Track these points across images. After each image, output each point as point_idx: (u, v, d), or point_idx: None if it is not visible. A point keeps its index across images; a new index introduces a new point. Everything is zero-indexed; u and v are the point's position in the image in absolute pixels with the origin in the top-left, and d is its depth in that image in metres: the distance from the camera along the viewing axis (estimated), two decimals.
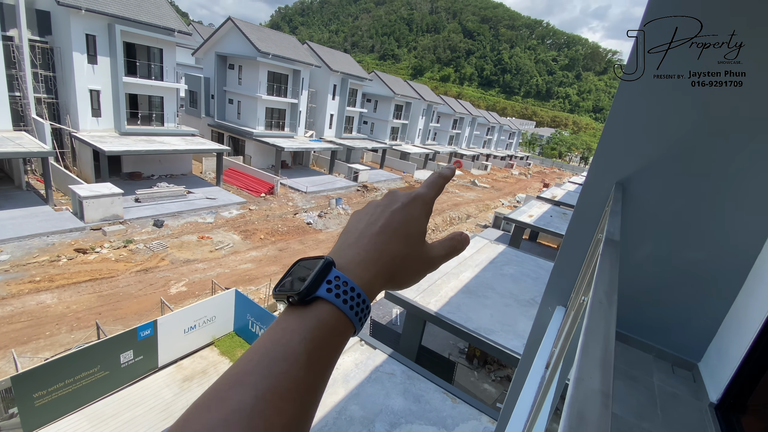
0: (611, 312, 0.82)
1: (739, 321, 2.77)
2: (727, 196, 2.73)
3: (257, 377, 0.34)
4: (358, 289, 0.43)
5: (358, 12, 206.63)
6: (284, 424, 0.32)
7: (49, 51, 20.12)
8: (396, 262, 0.48)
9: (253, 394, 0.32)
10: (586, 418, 0.51)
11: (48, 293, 12.52)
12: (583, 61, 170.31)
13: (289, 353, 0.36)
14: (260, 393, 0.33)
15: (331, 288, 0.41)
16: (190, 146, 22.96)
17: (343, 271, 0.44)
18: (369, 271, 0.45)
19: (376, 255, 0.47)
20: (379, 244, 0.48)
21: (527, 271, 10.90)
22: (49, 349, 10.38)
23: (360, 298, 0.42)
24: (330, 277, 0.42)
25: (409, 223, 0.50)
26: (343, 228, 0.53)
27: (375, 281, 0.45)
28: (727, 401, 2.61)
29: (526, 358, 3.84)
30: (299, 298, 0.40)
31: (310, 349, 0.37)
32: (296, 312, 0.40)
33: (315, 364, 0.37)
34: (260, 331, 11.53)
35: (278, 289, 0.43)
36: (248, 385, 0.33)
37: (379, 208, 0.53)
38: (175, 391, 9.88)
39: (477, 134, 64.75)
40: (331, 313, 0.40)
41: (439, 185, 0.57)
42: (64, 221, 16.41)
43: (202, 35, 37.62)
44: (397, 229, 0.49)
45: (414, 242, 0.50)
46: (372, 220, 0.51)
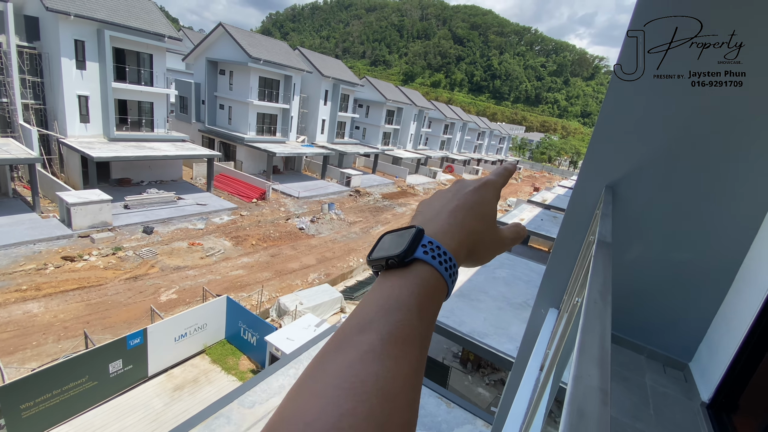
0: (606, 311, 0.84)
1: (729, 321, 2.82)
2: (714, 198, 2.78)
3: (379, 324, 0.36)
4: (449, 253, 0.45)
5: (349, 18, 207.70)
6: (410, 364, 0.34)
7: (37, 57, 19.87)
8: (474, 238, 0.50)
9: (380, 338, 0.35)
10: (586, 414, 0.52)
11: (34, 302, 12.26)
12: (570, 67, 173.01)
13: (402, 304, 0.38)
14: (385, 337, 0.35)
15: (427, 251, 0.43)
16: (181, 152, 22.78)
17: (432, 238, 0.47)
18: (453, 240, 0.47)
19: (457, 228, 0.49)
20: (458, 219, 0.49)
21: (519, 275, 10.96)
22: (36, 359, 10.15)
23: (451, 262, 0.44)
24: (424, 242, 0.44)
25: (483, 204, 0.53)
26: (415, 212, 0.55)
27: (459, 251, 0.47)
28: (719, 400, 2.64)
29: (520, 360, 3.85)
30: (399, 260, 0.42)
31: (420, 301, 0.39)
32: (397, 273, 0.42)
33: (425, 315, 0.39)
34: (252, 338, 11.41)
35: (374, 256, 0.45)
36: (373, 331, 0.35)
37: (450, 192, 0.55)
38: (166, 400, 9.71)
39: (468, 139, 65.28)
40: (430, 272, 0.42)
41: (506, 176, 0.59)
42: (52, 228, 16.13)
43: (193, 41, 37.53)
44: (473, 208, 0.51)
45: (488, 221, 0.53)
46: (446, 201, 0.53)
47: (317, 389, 0.31)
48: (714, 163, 2.72)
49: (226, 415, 5.74)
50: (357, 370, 0.32)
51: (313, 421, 0.27)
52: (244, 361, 11.57)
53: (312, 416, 0.28)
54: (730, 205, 2.76)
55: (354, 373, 0.31)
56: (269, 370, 6.87)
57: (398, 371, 0.33)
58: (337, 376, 0.31)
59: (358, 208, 28.61)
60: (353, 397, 0.29)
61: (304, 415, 0.28)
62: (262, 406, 6.09)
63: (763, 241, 2.66)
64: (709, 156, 2.72)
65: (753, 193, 2.68)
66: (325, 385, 0.31)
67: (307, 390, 0.31)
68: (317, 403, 0.29)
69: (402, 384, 0.32)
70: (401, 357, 0.34)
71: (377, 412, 0.29)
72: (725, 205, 2.77)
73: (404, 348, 0.35)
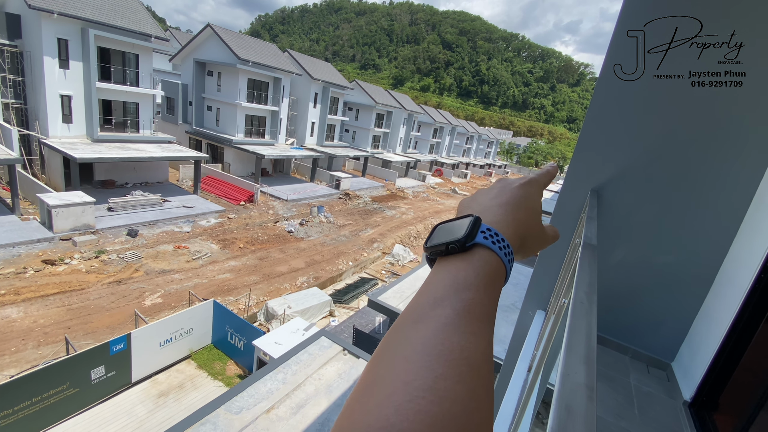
0: (592, 311, 0.86)
1: (709, 321, 2.90)
2: (695, 201, 2.86)
3: (452, 300, 0.37)
4: (506, 240, 0.46)
5: (338, 22, 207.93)
6: (487, 340, 0.36)
7: (18, 55, 19.40)
8: (524, 230, 0.51)
9: (455, 313, 0.36)
10: (574, 410, 0.54)
11: (13, 307, 11.90)
12: (557, 74, 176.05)
13: (470, 283, 0.40)
14: (458, 311, 0.36)
15: (487, 236, 0.45)
16: (167, 153, 22.44)
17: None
18: (508, 229, 0.48)
19: (509, 217, 0.50)
20: (509, 212, 0.51)
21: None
22: (15, 365, 9.84)
23: (509, 248, 0.46)
24: (482, 228, 0.46)
25: (529, 198, 0.54)
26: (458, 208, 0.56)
27: (514, 239, 0.48)
28: (700, 399, 2.71)
29: (508, 362, 3.89)
30: (461, 245, 0.43)
31: (486, 282, 0.41)
32: (458, 257, 0.44)
33: (491, 293, 0.40)
34: (240, 343, 11.27)
35: (433, 242, 0.46)
36: (447, 307, 0.36)
37: (496, 188, 0.56)
38: (150, 407, 9.52)
39: (457, 143, 65.81)
40: (491, 255, 0.44)
41: (548, 177, 0.61)
42: (32, 231, 15.70)
43: (180, 41, 37.12)
44: (521, 201, 0.53)
45: (536, 215, 0.54)
46: (493, 196, 0.54)
47: (407, 355, 0.32)
48: (694, 167, 2.80)
49: (213, 421, 5.65)
50: (441, 339, 0.33)
51: (411, 381, 0.29)
52: (231, 366, 11.41)
53: (409, 377, 0.29)
54: (710, 208, 2.84)
55: (440, 342, 0.33)
56: (257, 375, 6.79)
57: (477, 344, 0.34)
58: (423, 344, 0.33)
59: (347, 211, 28.55)
60: (444, 363, 0.31)
61: (400, 376, 0.30)
62: (249, 411, 6.01)
63: (742, 243, 2.75)
64: (689, 160, 2.80)
65: (732, 195, 2.77)
66: (414, 351, 0.32)
67: (397, 355, 0.32)
68: (410, 367, 0.30)
69: (483, 357, 0.33)
70: (479, 332, 0.35)
71: (467, 378, 0.30)
72: (705, 208, 2.85)
73: (479, 324, 0.36)
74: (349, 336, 13.28)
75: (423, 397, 0.28)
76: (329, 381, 6.77)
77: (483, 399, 0.30)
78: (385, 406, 0.27)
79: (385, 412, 0.27)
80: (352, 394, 0.31)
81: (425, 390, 0.28)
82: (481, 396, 0.30)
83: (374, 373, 0.32)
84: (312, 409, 6.11)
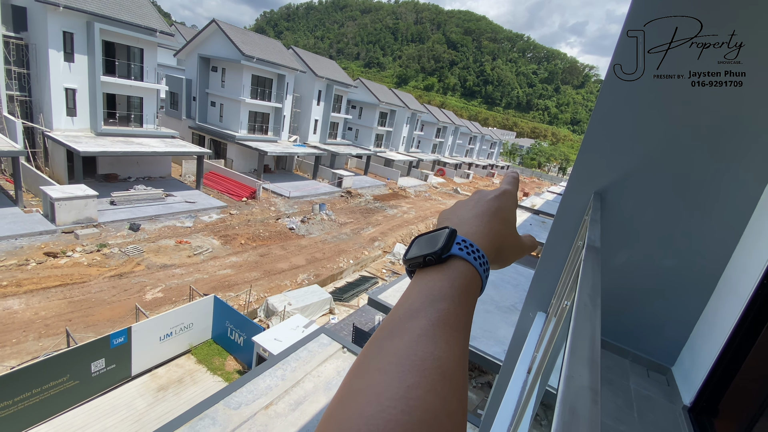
0: (596, 314, 0.86)
1: (711, 326, 2.89)
2: (699, 205, 2.85)
3: (427, 312, 0.39)
4: (482, 250, 0.48)
5: (344, 19, 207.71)
6: (461, 348, 0.37)
7: (23, 47, 19.44)
8: (500, 240, 0.52)
9: (429, 323, 0.37)
10: (578, 413, 0.54)
11: (15, 299, 11.95)
12: (561, 75, 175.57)
13: (445, 294, 0.41)
14: (434, 322, 0.37)
15: (462, 248, 0.46)
16: (170, 148, 22.47)
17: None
18: (483, 240, 0.50)
19: (485, 229, 0.52)
20: (485, 223, 0.53)
21: (508, 278, 11.05)
22: (16, 357, 9.89)
23: (484, 258, 0.47)
24: (458, 240, 0.47)
25: (504, 209, 0.56)
26: (438, 220, 0.58)
27: (489, 249, 0.50)
28: (700, 404, 2.71)
29: (507, 363, 3.88)
30: (437, 257, 0.45)
31: (460, 293, 0.42)
32: (435, 269, 0.45)
33: (465, 304, 0.42)
34: (240, 338, 11.30)
35: (411, 254, 0.48)
36: (422, 318, 0.38)
37: (472, 200, 0.58)
38: (149, 401, 9.55)
39: (460, 143, 65.71)
40: (466, 267, 0.45)
41: (516, 184, 0.62)
42: (34, 224, 15.76)
43: (185, 36, 37.09)
44: (496, 213, 0.55)
45: (510, 226, 0.56)
46: (470, 207, 0.56)
47: (380, 366, 0.33)
48: (699, 170, 2.79)
49: (212, 416, 5.67)
50: (415, 350, 0.34)
51: (383, 392, 0.30)
52: (231, 362, 11.44)
53: (381, 388, 0.30)
54: (714, 212, 2.82)
55: (413, 353, 0.34)
56: (256, 371, 6.81)
57: (451, 353, 0.35)
58: (396, 355, 0.34)
59: (349, 209, 28.55)
60: (416, 373, 0.31)
61: (373, 387, 0.30)
62: (248, 407, 6.03)
63: (745, 248, 2.74)
64: (693, 163, 2.79)
65: (736, 199, 2.75)
66: (388, 362, 0.33)
67: (371, 367, 0.33)
68: (383, 378, 0.31)
69: (456, 365, 0.34)
70: (453, 341, 0.36)
71: (439, 387, 0.31)
72: (709, 212, 2.84)
73: (453, 333, 0.37)
74: (349, 334, 13.30)
75: (394, 407, 0.28)
76: (328, 378, 6.78)
77: (455, 406, 0.31)
78: (356, 417, 0.28)
79: (357, 423, 0.27)
80: (328, 407, 0.32)
81: (396, 400, 0.29)
82: (453, 404, 0.31)
83: (349, 386, 0.33)
84: (310, 406, 6.13)
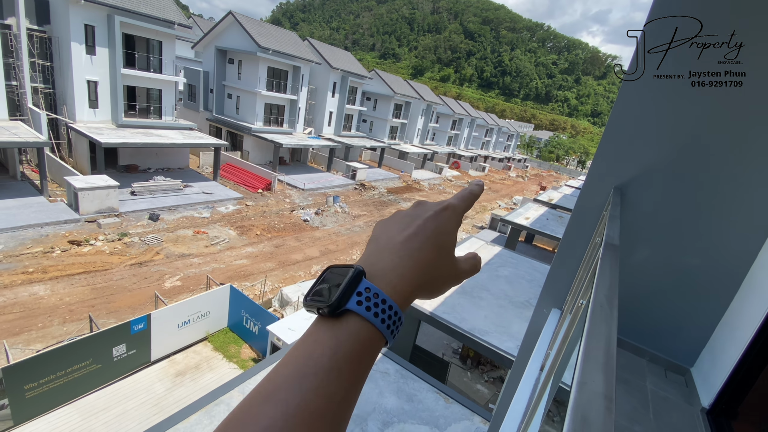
0: (613, 316, 0.83)
1: (733, 327, 2.79)
2: (724, 202, 2.74)
3: (287, 394, 0.34)
4: (390, 300, 0.41)
5: (359, 10, 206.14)
6: None
7: (47, 40, 19.93)
8: (428, 270, 0.46)
9: (283, 412, 0.32)
10: (590, 421, 0.51)
11: (41, 285, 12.42)
12: (582, 66, 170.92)
13: (320, 368, 0.36)
14: (290, 410, 0.33)
15: (362, 300, 0.40)
16: (188, 140, 22.83)
17: (375, 279, 0.43)
18: (402, 278, 0.44)
19: (409, 261, 0.45)
20: (413, 251, 0.46)
21: (522, 273, 10.93)
22: (41, 341, 10.31)
23: (392, 311, 0.41)
24: (360, 289, 0.41)
25: (441, 233, 0.49)
26: (371, 235, 0.52)
27: (407, 289, 0.44)
28: (719, 407, 2.63)
29: (520, 359, 3.85)
30: (329, 311, 0.39)
31: (341, 364, 0.37)
32: (327, 323, 0.40)
33: (346, 378, 0.36)
34: (255, 327, 11.50)
35: (309, 299, 0.42)
36: (279, 402, 0.33)
37: (409, 216, 0.51)
38: (168, 385, 9.84)
39: (475, 135, 64.87)
40: (363, 325, 0.39)
41: (470, 200, 0.55)
42: (59, 212, 16.28)
43: (202, 29, 37.40)
44: (429, 237, 0.48)
45: (445, 252, 0.49)
46: (403, 227, 0.49)
47: None
48: (723, 167, 2.68)
49: (227, 402, 5.80)
50: None
51: None
52: (246, 350, 11.68)
53: None
54: (739, 211, 2.72)
55: None
56: (270, 359, 6.93)
57: None
58: None
59: (362, 202, 28.60)
60: None
61: None
62: None
63: None
64: (717, 160, 2.68)
65: (762, 198, 2.64)
66: None
67: None
68: None
69: None
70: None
71: None
72: (734, 211, 2.73)
73: (311, 423, 0.32)
74: None
75: None
76: None
77: None
78: None
79: None
80: None
81: None
82: None
83: None
84: None
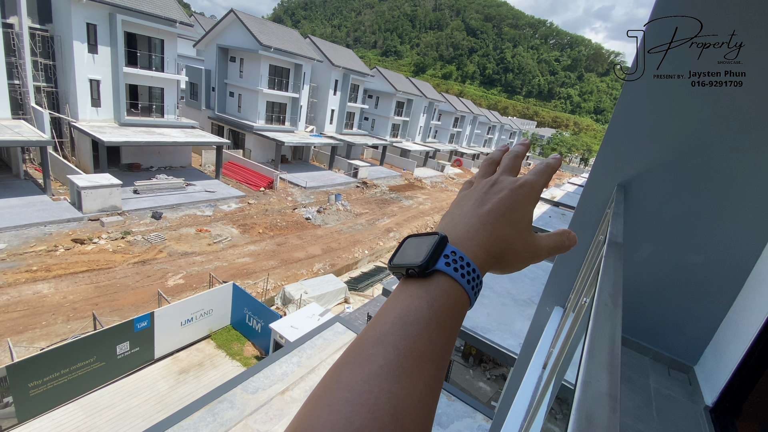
0: (617, 314, 0.82)
1: (737, 325, 2.78)
2: (727, 201, 2.72)
3: (396, 338, 0.36)
4: (473, 264, 0.43)
5: (361, 7, 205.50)
6: (426, 383, 0.34)
7: (49, 39, 19.96)
8: (503, 245, 0.47)
9: (396, 353, 0.34)
10: (595, 421, 0.51)
11: (45, 283, 12.49)
12: (585, 62, 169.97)
13: (421, 317, 0.38)
14: (401, 352, 0.35)
15: (449, 262, 0.42)
16: (190, 138, 22.86)
17: (456, 246, 0.45)
18: (480, 248, 0.46)
19: (485, 234, 0.47)
20: (488, 225, 0.47)
21: (525, 271, 10.90)
22: (45, 338, 10.37)
23: (475, 273, 0.43)
24: (447, 252, 0.43)
25: (516, 209, 0.49)
26: (448, 209, 0.53)
27: (485, 259, 0.45)
28: (723, 405, 2.62)
29: (523, 357, 3.85)
30: (420, 271, 0.41)
31: (439, 315, 0.38)
32: (417, 283, 0.41)
33: (444, 328, 0.38)
34: (257, 325, 11.54)
35: (395, 262, 0.44)
36: (389, 345, 0.35)
37: (479, 192, 0.52)
38: (171, 383, 9.89)
39: (478, 133, 64.69)
40: (452, 284, 0.41)
41: (547, 173, 0.54)
42: (62, 211, 16.35)
43: (204, 27, 37.36)
44: (505, 213, 0.49)
45: (521, 228, 0.49)
46: (479, 201, 0.50)
47: (331, 402, 0.31)
48: (725, 165, 2.66)
49: (230, 400, 5.83)
50: (371, 386, 0.32)
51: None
52: (249, 348, 11.72)
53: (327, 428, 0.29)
54: (743, 208, 2.70)
55: (367, 389, 0.31)
56: (273, 357, 6.95)
57: (413, 390, 0.33)
58: (351, 390, 0.32)
59: (364, 200, 28.60)
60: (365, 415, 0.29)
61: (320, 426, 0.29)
62: (265, 392, 6.17)
63: None
64: (720, 159, 2.67)
65: (765, 196, 2.62)
66: (339, 399, 0.31)
67: (322, 402, 0.32)
68: (330, 417, 0.29)
69: (416, 403, 0.32)
70: (417, 375, 0.34)
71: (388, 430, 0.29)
72: (737, 208, 2.71)
73: (421, 364, 0.34)
74: (363, 323, 13.43)
75: None
76: None
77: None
78: None
79: None
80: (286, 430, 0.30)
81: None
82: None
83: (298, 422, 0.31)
84: None
